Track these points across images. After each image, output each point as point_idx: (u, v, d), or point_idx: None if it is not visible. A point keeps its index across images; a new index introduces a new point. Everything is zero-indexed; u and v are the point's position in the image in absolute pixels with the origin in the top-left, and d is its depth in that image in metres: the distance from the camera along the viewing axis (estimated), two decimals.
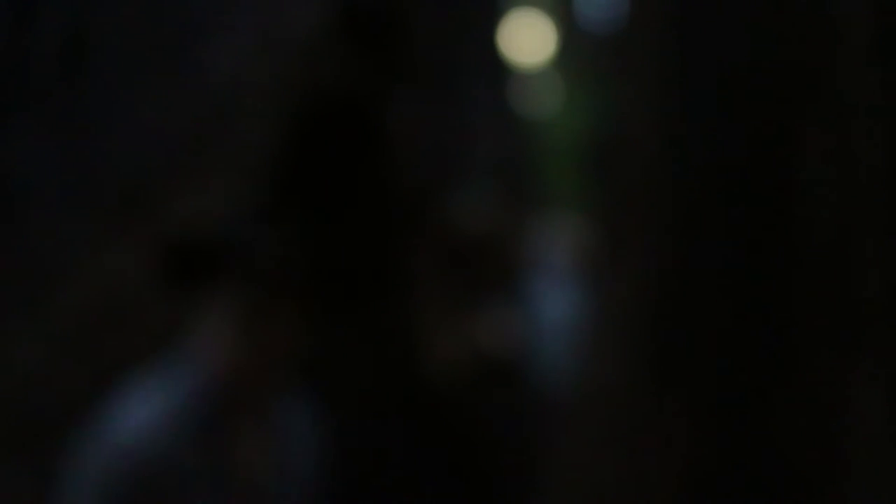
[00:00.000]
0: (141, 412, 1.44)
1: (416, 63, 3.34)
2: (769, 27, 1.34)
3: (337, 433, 1.99)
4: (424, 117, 3.29)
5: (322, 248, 3.30)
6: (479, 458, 3.05)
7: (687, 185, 1.36)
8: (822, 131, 1.31)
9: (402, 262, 3.21)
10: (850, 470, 1.24)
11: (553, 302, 2.88)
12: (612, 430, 1.43)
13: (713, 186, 1.34)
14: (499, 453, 3.05)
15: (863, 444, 1.24)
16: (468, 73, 3.48)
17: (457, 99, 3.39)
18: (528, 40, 5.86)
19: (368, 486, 2.77)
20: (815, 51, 1.32)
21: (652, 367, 1.38)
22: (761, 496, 1.28)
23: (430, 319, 2.97)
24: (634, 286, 1.42)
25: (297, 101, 2.84)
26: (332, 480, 1.87)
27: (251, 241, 1.59)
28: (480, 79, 3.53)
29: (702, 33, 1.39)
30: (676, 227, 1.36)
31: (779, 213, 1.32)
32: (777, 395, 1.28)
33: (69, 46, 2.93)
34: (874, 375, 1.23)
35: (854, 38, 1.30)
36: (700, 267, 1.34)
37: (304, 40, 2.87)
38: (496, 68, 3.67)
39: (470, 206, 2.91)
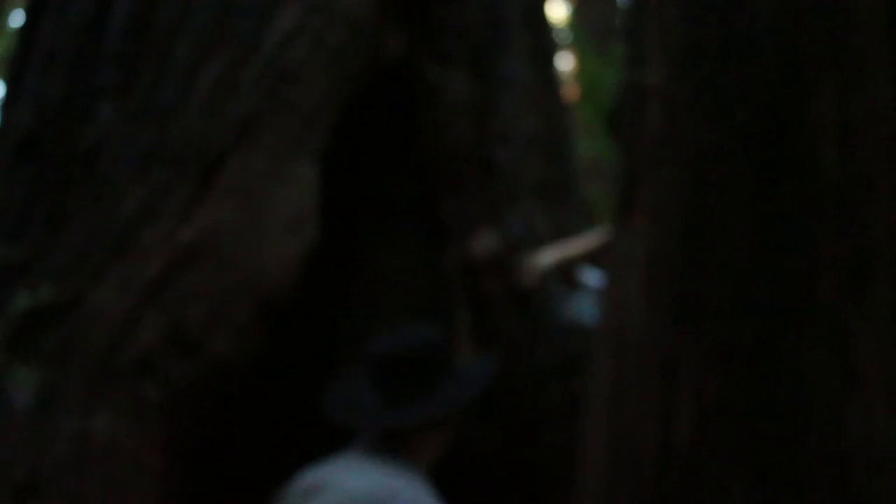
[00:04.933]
0: None
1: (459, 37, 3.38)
2: None
3: None
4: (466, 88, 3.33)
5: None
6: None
7: (706, 131, 1.40)
8: (835, 79, 1.34)
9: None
10: (864, 397, 1.29)
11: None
12: (638, 376, 1.47)
13: (731, 135, 1.38)
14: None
15: (875, 372, 1.29)
16: (509, 48, 3.49)
17: (496, 74, 3.41)
18: None
19: None
20: (832, 10, 1.36)
21: (675, 315, 1.42)
22: (781, 430, 1.32)
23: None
24: (656, 233, 1.46)
25: (349, 69, 2.90)
26: None
27: None
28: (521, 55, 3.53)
29: None
30: (697, 172, 1.40)
31: (793, 157, 1.35)
32: (792, 333, 1.33)
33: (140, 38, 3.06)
34: (881, 308, 1.28)
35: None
36: (719, 213, 1.38)
37: (354, 10, 2.92)
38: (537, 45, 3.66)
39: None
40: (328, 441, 2.09)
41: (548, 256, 2.88)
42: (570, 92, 6.92)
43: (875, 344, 1.30)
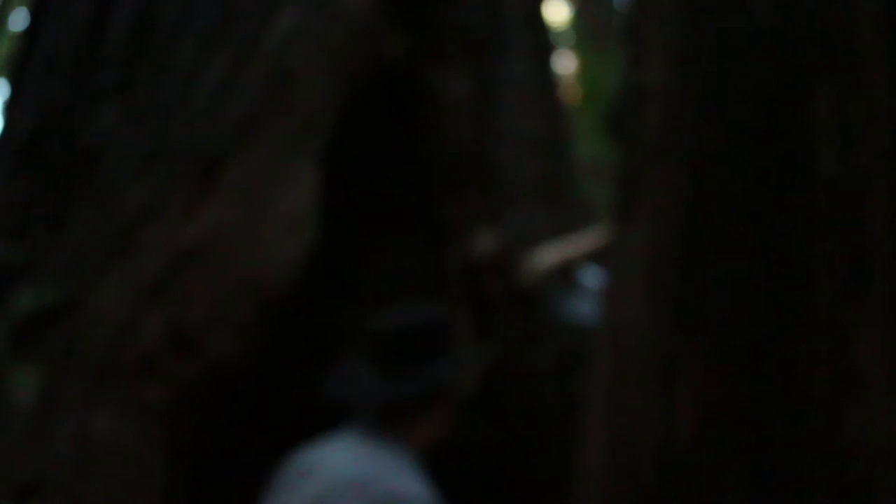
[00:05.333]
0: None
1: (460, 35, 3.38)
2: None
3: None
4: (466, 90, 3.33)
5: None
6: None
7: (706, 132, 1.41)
8: (834, 80, 1.35)
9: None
10: (864, 397, 1.30)
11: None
12: (638, 376, 1.47)
13: (731, 135, 1.38)
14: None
15: (874, 372, 1.29)
16: (508, 49, 3.49)
17: (496, 74, 3.41)
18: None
19: None
20: (831, 11, 1.36)
21: (675, 315, 1.42)
22: (781, 430, 1.33)
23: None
24: (656, 233, 1.46)
25: (349, 70, 2.90)
26: None
27: None
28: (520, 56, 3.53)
29: None
30: (696, 173, 1.40)
31: (793, 158, 1.36)
32: (792, 333, 1.33)
33: (141, 38, 3.06)
34: (881, 308, 1.28)
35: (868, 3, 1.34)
36: (719, 213, 1.38)
37: (355, 11, 2.92)
38: (536, 46, 3.66)
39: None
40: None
41: (548, 256, 2.89)
42: (572, 93, 6.93)
43: (875, 344, 1.31)
